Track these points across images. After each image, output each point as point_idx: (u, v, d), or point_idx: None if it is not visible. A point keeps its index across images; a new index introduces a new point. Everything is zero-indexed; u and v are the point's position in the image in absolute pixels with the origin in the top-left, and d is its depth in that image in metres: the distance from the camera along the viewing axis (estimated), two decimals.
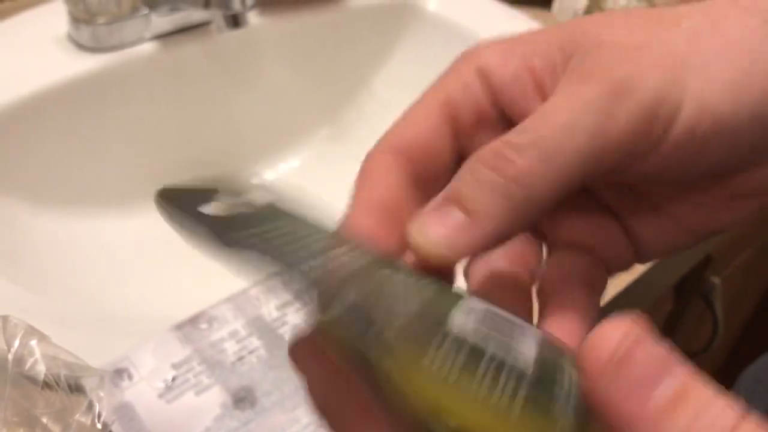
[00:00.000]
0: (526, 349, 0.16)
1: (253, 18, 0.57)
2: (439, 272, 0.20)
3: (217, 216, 0.19)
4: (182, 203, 0.19)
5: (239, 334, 0.40)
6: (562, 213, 0.23)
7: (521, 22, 0.62)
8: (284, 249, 0.17)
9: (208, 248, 0.18)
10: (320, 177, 0.60)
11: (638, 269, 0.49)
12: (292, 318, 0.41)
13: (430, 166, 0.22)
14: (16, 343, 0.29)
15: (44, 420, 0.30)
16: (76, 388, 0.32)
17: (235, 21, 0.51)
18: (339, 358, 0.16)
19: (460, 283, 0.22)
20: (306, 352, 0.19)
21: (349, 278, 0.17)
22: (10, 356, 0.29)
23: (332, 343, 0.16)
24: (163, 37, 0.54)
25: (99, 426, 0.32)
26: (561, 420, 0.15)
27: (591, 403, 0.14)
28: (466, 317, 0.16)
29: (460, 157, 0.22)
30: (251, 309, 0.41)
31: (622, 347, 0.14)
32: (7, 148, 0.49)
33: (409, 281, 0.18)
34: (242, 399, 0.36)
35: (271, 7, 0.58)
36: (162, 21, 0.54)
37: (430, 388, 0.14)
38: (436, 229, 0.19)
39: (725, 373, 0.64)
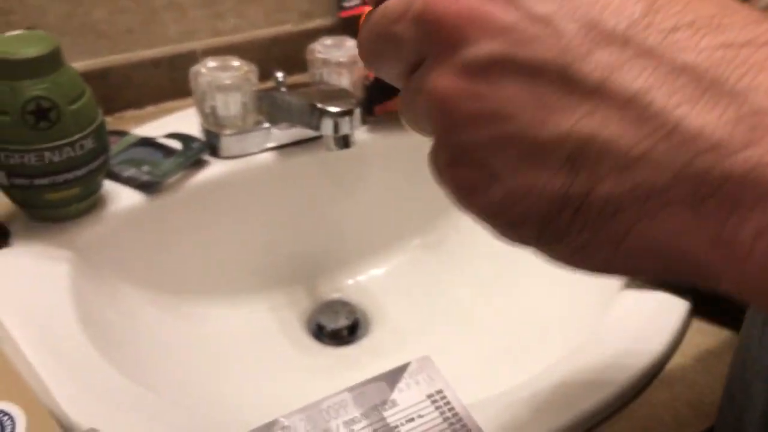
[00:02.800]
0: None
1: (361, 134, 0.62)
2: None
3: None
4: None
5: None
6: None
7: None
8: None
9: None
10: (407, 283, 0.64)
11: None
12: None
13: None
14: None
15: None
16: None
17: (345, 142, 0.56)
18: None
19: None
20: None
21: None
22: None
23: None
24: (280, 148, 0.61)
25: None
26: None
27: None
28: None
29: None
30: (321, 422, 0.45)
31: None
32: (141, 240, 0.56)
33: None
34: None
35: (378, 125, 0.63)
36: (281, 134, 0.60)
37: None
38: None
39: None
